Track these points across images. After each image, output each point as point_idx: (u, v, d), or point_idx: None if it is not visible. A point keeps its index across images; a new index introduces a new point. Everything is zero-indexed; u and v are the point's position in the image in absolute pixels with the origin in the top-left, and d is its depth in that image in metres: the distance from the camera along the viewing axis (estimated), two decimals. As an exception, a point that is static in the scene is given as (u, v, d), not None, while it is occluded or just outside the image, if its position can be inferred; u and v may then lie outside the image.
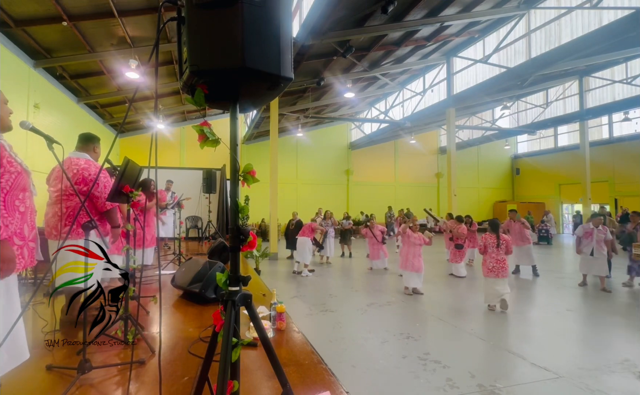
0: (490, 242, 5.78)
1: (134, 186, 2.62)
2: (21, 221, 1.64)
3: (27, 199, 1.69)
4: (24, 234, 1.65)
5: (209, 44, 1.14)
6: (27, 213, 1.70)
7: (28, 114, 8.15)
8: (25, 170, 1.70)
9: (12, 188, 1.59)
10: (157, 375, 1.53)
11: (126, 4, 7.10)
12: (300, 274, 8.52)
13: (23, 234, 1.65)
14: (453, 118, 13.69)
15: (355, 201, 21.00)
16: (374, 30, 9.56)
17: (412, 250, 6.75)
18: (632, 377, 3.52)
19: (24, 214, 1.67)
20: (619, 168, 17.42)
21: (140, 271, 2.42)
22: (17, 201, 1.63)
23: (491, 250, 5.75)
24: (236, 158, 1.26)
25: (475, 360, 3.89)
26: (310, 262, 8.81)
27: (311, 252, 8.90)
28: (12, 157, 1.63)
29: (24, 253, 1.65)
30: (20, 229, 1.63)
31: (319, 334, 4.67)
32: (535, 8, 11.08)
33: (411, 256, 6.72)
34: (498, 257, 5.68)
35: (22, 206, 1.66)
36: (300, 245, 8.75)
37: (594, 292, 6.89)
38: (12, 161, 1.61)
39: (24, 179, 1.67)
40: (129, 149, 15.75)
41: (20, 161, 1.68)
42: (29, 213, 1.71)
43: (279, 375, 1.30)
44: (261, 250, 9.44)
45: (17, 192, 1.62)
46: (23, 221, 1.65)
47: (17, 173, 1.62)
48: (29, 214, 1.71)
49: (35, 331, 2.45)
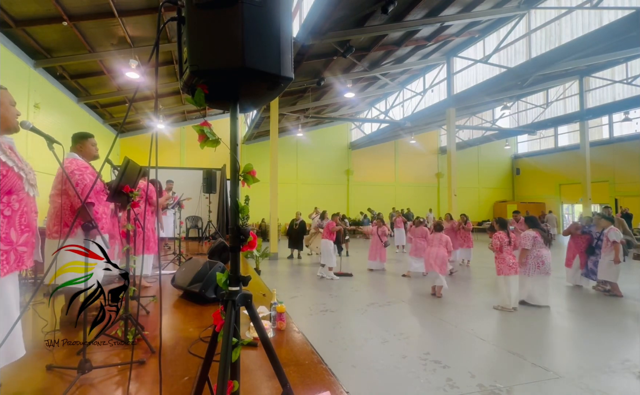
0: (505, 241, 5.75)
1: (135, 186, 2.62)
2: (7, 225, 1.58)
3: (14, 202, 1.63)
4: (10, 238, 1.59)
5: (209, 44, 1.14)
6: (15, 216, 1.64)
7: (28, 114, 8.15)
8: (16, 173, 1.65)
9: None
10: (157, 375, 1.53)
11: (126, 4, 7.10)
12: (328, 278, 8.04)
13: (9, 238, 1.59)
14: (453, 118, 13.69)
15: (355, 201, 21.01)
16: (374, 30, 9.56)
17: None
18: (632, 377, 3.51)
19: (11, 218, 1.61)
20: (619, 168, 17.41)
21: (140, 275, 2.42)
22: (1, 205, 1.57)
23: (505, 248, 5.73)
24: (236, 158, 1.26)
25: (475, 360, 3.88)
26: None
27: (335, 253, 8.57)
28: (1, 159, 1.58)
29: (10, 258, 1.59)
30: (6, 234, 1.58)
31: (319, 334, 4.67)
32: (535, 8, 11.07)
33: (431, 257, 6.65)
34: (513, 253, 5.74)
35: (8, 210, 1.60)
36: (323, 248, 8.39)
37: (594, 293, 6.89)
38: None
39: (11, 181, 1.61)
40: (129, 149, 15.76)
41: (11, 164, 1.63)
42: (19, 216, 1.66)
43: (279, 375, 1.30)
44: (261, 250, 9.43)
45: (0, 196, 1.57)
46: (9, 225, 1.60)
47: (3, 175, 1.57)
48: (17, 217, 1.65)
49: (35, 331, 2.45)
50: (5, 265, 1.58)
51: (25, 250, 1.69)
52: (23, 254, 1.68)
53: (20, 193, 1.68)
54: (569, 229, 7.69)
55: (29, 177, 1.75)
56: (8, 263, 1.59)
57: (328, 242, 8.27)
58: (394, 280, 8.04)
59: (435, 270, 6.49)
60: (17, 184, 1.65)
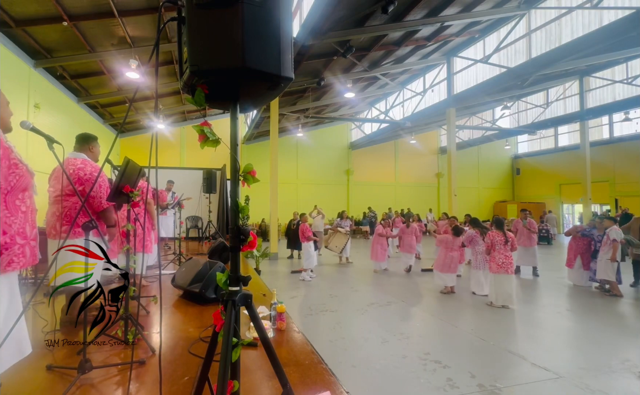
0: (497, 240, 5.89)
1: (135, 186, 2.62)
2: (24, 220, 1.67)
3: (27, 198, 1.71)
4: (26, 233, 1.67)
5: (209, 44, 1.14)
6: (29, 213, 1.72)
7: (28, 114, 8.15)
8: (30, 171, 1.73)
9: (13, 189, 1.61)
10: (157, 375, 1.53)
11: (126, 4, 7.10)
12: (308, 279, 8.08)
13: (25, 233, 1.67)
14: (453, 118, 13.69)
15: (355, 201, 21.01)
16: (374, 30, 9.55)
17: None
18: (632, 377, 3.51)
19: (26, 214, 1.70)
20: (619, 168, 17.41)
21: (140, 275, 2.42)
22: (18, 201, 1.65)
23: (499, 247, 5.86)
24: (236, 158, 1.26)
25: (475, 360, 3.88)
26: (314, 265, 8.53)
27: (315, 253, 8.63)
28: (18, 159, 1.65)
29: (26, 252, 1.66)
30: (23, 228, 1.66)
31: (319, 334, 4.67)
32: (535, 8, 11.07)
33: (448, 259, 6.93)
34: (506, 253, 5.81)
35: (24, 206, 1.68)
36: (305, 250, 8.40)
37: (594, 293, 6.89)
38: (17, 163, 1.64)
39: (26, 180, 1.70)
40: (129, 149, 15.76)
41: (26, 163, 1.71)
42: (30, 212, 1.74)
43: (279, 375, 1.30)
44: (261, 250, 9.43)
45: (17, 193, 1.65)
46: (25, 220, 1.68)
47: (20, 175, 1.65)
48: (29, 213, 1.73)
49: (36, 331, 2.45)
50: (22, 258, 1.63)
51: (35, 245, 1.75)
52: (35, 249, 1.74)
53: (31, 190, 1.75)
54: (570, 230, 7.77)
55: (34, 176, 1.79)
56: (24, 256, 1.65)
57: (309, 245, 8.33)
58: (394, 280, 8.04)
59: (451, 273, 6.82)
60: (30, 182, 1.73)
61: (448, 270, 6.80)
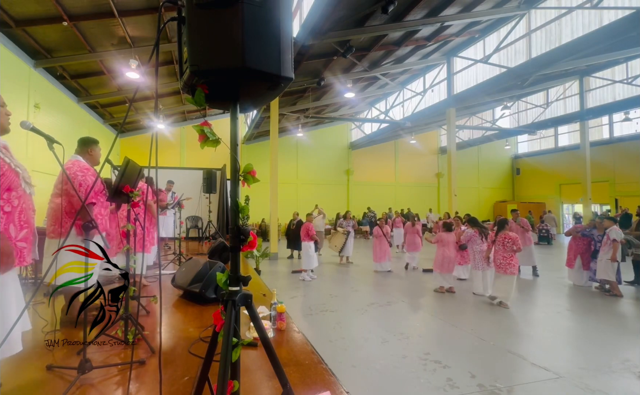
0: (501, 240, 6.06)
1: (135, 186, 2.62)
2: (6, 221, 1.63)
3: (13, 199, 1.68)
4: (9, 233, 1.64)
5: (209, 44, 1.14)
6: (15, 213, 1.69)
7: (28, 114, 8.15)
8: (14, 170, 1.69)
9: None
10: (157, 375, 1.53)
11: (126, 4, 7.10)
12: (309, 279, 8.06)
13: (8, 233, 1.64)
14: (453, 118, 13.69)
15: (355, 201, 21.00)
16: (374, 30, 9.55)
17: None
18: (632, 377, 3.51)
19: (11, 214, 1.66)
20: (619, 168, 17.41)
21: (140, 275, 2.42)
22: (1, 201, 1.62)
23: (498, 247, 6.00)
24: (236, 158, 1.26)
25: (475, 360, 3.88)
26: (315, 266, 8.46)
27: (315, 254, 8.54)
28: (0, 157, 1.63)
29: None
30: (5, 229, 1.62)
31: (319, 334, 4.67)
32: (535, 8, 11.07)
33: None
34: (505, 253, 5.88)
35: (8, 206, 1.65)
36: (304, 251, 8.33)
37: (594, 292, 6.89)
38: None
39: (10, 179, 1.66)
40: (129, 149, 15.76)
41: (8, 161, 1.67)
42: (18, 213, 1.70)
43: (279, 375, 1.30)
44: (261, 250, 9.43)
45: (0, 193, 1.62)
46: (8, 221, 1.65)
47: (1, 174, 1.62)
48: (16, 213, 1.70)
49: (36, 331, 2.45)
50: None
51: (24, 246, 1.73)
52: (23, 250, 1.72)
53: (18, 190, 1.72)
54: (570, 230, 7.80)
55: (24, 175, 1.79)
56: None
57: (309, 245, 8.26)
58: (394, 280, 8.04)
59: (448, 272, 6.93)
60: (15, 181, 1.70)
61: (446, 270, 6.81)
